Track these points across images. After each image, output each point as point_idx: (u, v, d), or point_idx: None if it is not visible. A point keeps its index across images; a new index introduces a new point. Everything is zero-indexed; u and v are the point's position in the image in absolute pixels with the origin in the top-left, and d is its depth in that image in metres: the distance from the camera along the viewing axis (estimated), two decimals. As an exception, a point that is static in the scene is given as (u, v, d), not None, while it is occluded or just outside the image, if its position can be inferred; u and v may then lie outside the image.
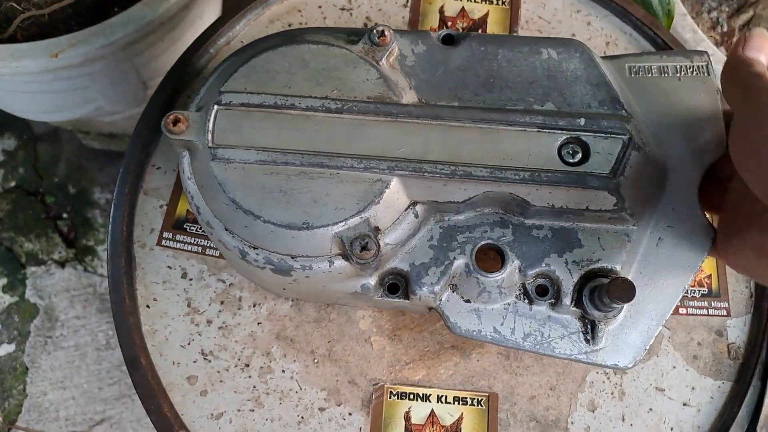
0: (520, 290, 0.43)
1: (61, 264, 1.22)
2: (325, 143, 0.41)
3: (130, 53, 0.77)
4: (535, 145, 0.41)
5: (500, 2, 0.60)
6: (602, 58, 0.45)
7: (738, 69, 0.36)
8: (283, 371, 0.51)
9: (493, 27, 0.59)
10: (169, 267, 0.53)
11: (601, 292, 0.40)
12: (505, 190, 0.41)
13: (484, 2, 0.60)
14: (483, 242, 0.43)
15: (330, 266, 0.41)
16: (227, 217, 0.41)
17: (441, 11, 0.60)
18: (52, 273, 1.21)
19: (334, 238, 0.40)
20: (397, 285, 0.44)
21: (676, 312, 0.53)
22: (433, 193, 0.42)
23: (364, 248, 0.39)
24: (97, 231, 1.25)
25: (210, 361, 0.51)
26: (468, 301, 0.43)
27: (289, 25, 0.59)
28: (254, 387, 0.50)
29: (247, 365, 0.51)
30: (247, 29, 0.59)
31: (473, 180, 0.41)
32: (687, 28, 0.76)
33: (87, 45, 0.71)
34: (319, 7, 0.60)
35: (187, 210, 0.54)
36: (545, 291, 0.43)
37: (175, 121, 0.41)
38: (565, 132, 0.41)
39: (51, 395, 1.14)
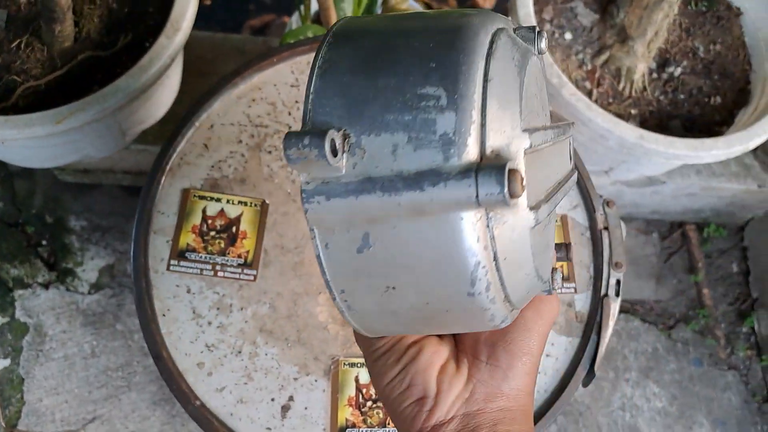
0: None
1: (45, 286, 1.38)
2: None
3: (116, 114, 0.96)
4: None
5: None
6: None
7: None
8: (266, 354, 0.71)
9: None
10: (176, 285, 0.73)
11: None
12: None
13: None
14: None
15: None
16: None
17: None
18: (38, 294, 1.37)
19: None
20: None
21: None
22: None
23: None
24: (75, 254, 1.41)
25: (212, 351, 0.71)
26: None
27: (252, 100, 0.79)
28: (246, 367, 0.71)
29: (240, 352, 0.71)
30: (218, 105, 0.79)
31: None
32: (554, 75, 0.99)
33: (84, 113, 0.89)
34: (275, 85, 0.80)
35: (187, 243, 0.74)
36: None
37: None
38: None
39: (46, 401, 1.31)
